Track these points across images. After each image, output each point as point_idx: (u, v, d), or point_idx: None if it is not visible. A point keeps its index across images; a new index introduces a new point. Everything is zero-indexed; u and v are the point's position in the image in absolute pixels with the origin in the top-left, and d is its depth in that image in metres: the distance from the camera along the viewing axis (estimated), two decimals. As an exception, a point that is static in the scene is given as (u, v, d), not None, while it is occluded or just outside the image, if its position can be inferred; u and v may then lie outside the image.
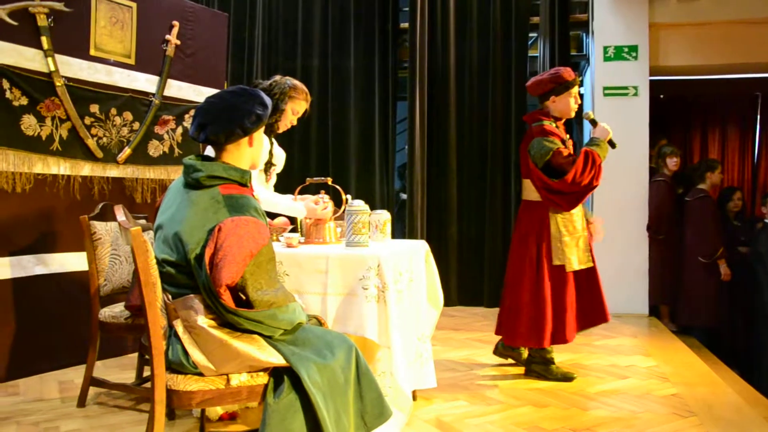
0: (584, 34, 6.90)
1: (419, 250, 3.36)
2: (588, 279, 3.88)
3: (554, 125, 3.83)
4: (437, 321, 3.57)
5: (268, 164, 3.37)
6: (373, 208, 3.17)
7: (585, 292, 3.87)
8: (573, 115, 3.95)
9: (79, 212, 3.47)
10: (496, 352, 4.09)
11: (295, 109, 3.36)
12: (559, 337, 3.76)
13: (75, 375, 3.81)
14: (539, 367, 3.86)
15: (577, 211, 3.84)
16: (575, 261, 3.79)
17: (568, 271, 3.78)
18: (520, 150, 3.95)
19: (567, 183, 3.64)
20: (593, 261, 3.88)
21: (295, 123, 3.40)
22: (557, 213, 3.78)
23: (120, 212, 2.47)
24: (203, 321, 2.05)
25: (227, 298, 2.02)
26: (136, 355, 3.76)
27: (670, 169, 6.15)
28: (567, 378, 3.81)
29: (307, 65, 6.76)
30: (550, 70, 3.91)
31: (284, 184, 6.45)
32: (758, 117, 7.68)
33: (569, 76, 3.82)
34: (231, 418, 3.05)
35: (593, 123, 3.92)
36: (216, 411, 3.00)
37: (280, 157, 3.45)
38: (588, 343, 4.80)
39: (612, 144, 3.84)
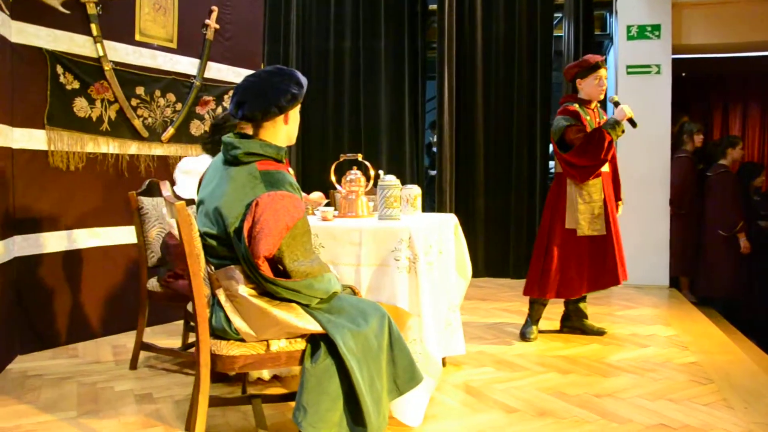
0: (608, 14, 6.74)
1: (448, 224, 3.33)
2: (604, 244, 3.90)
3: (579, 107, 3.93)
4: (466, 291, 3.55)
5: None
6: (403, 183, 3.15)
7: (598, 256, 3.90)
8: (601, 97, 4.01)
9: (128, 188, 3.51)
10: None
11: None
12: (564, 292, 3.92)
13: (127, 340, 3.88)
14: (577, 322, 4.11)
15: (596, 183, 3.91)
16: (586, 227, 3.89)
17: (579, 235, 3.89)
18: None
19: (574, 156, 3.81)
20: (611, 230, 3.89)
21: None
22: (575, 183, 3.92)
23: (165, 188, 2.48)
24: (244, 290, 2.06)
25: (266, 269, 2.02)
26: (182, 322, 3.82)
27: (695, 145, 6.04)
28: (599, 332, 4.06)
29: (340, 46, 6.70)
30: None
31: (320, 160, 6.50)
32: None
33: (592, 60, 3.95)
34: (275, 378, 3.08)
35: (616, 105, 3.96)
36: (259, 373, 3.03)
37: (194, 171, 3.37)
38: (610, 313, 4.75)
39: (633, 123, 3.85)
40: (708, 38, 6.16)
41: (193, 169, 3.35)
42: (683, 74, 6.89)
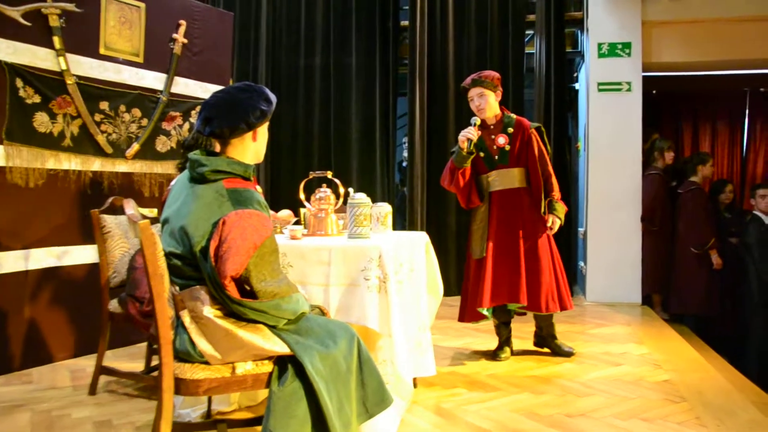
0: (579, 32, 6.88)
1: (419, 242, 3.34)
2: (507, 268, 3.86)
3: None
4: (437, 310, 3.56)
5: None
6: (374, 200, 3.15)
7: (503, 275, 3.84)
8: (484, 115, 3.97)
9: (90, 206, 3.46)
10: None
11: None
12: (461, 315, 4.01)
13: (86, 364, 3.81)
14: (548, 340, 4.11)
15: (483, 206, 3.95)
16: (477, 250, 3.93)
17: (474, 258, 3.94)
18: None
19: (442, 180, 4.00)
20: (520, 253, 3.83)
21: None
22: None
23: (129, 206, 2.45)
24: (209, 311, 2.04)
25: (232, 289, 2.00)
26: (144, 344, 3.76)
27: (666, 162, 6.15)
28: (568, 354, 4.04)
29: (310, 63, 6.73)
30: None
31: (288, 178, 6.49)
32: (747, 112, 7.65)
33: (463, 84, 4.05)
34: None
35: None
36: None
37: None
38: (583, 332, 4.80)
39: (469, 146, 3.77)
40: (678, 56, 6.29)
41: None
42: (654, 92, 7.04)
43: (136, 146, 4.26)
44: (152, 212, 4.09)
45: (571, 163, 7.07)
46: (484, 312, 3.86)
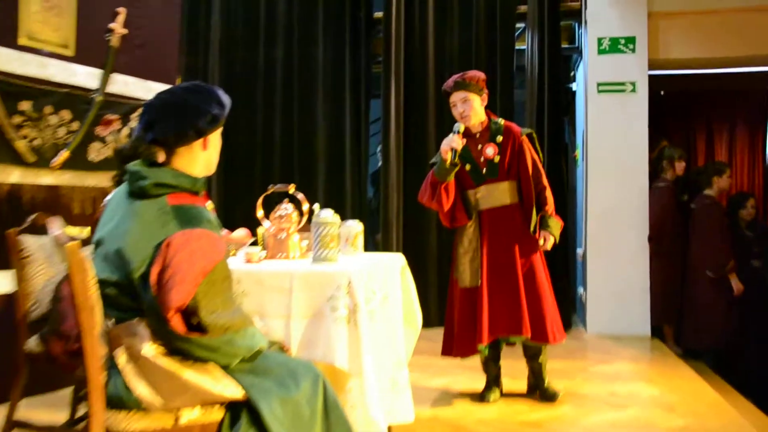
0: (576, 25, 6.99)
1: (395, 265, 3.35)
2: (503, 296, 3.87)
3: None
4: (415, 344, 3.56)
5: None
6: (343, 218, 3.16)
7: (500, 306, 3.86)
8: (469, 123, 4.00)
9: (6, 226, 3.39)
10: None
11: None
12: (446, 349, 4.01)
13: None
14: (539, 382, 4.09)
15: (471, 224, 3.97)
16: (467, 278, 3.95)
17: (461, 287, 3.97)
18: None
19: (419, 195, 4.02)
20: (511, 279, 3.85)
21: None
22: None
23: (54, 225, 2.42)
24: (149, 349, 2.02)
25: (177, 323, 1.98)
26: (69, 390, 3.67)
27: (676, 173, 6.19)
28: (551, 397, 4.01)
29: (270, 57, 6.74)
30: None
31: (245, 192, 6.46)
32: (770, 114, 7.72)
33: (444, 88, 4.10)
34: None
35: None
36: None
37: None
38: (584, 369, 4.82)
39: (453, 159, 3.79)
40: (689, 52, 6.35)
41: None
42: (662, 92, 7.13)
43: (64, 154, 4.21)
44: (83, 232, 4.05)
45: (567, 174, 7.14)
46: (481, 347, 3.86)
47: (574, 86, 7.49)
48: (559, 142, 6.62)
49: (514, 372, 4.43)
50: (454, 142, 3.77)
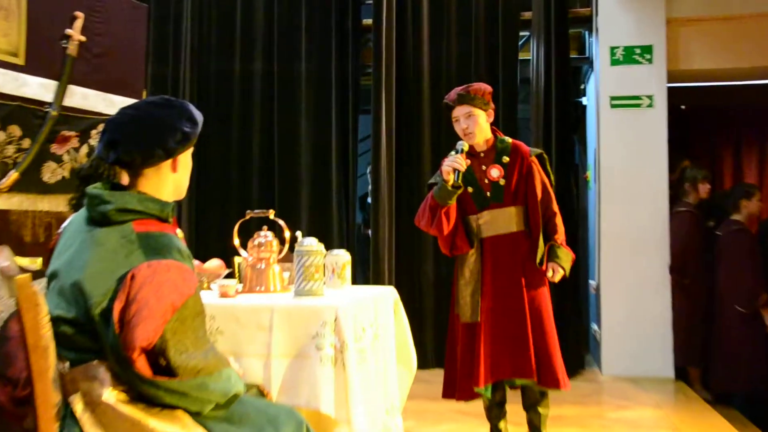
0: (587, 33, 7.04)
1: (386, 299, 3.35)
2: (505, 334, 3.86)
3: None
4: (410, 388, 3.54)
5: None
6: (329, 247, 3.16)
7: (506, 344, 3.84)
8: (473, 141, 3.96)
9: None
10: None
11: None
12: (448, 391, 3.93)
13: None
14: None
15: (472, 253, 3.93)
16: (467, 312, 3.90)
17: (462, 322, 3.91)
18: None
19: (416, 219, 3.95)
20: (516, 316, 3.83)
21: None
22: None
23: (2, 255, 2.41)
24: (110, 395, 2.00)
25: (142, 364, 1.97)
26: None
27: (700, 196, 6.20)
28: None
29: (247, 69, 6.76)
30: None
31: (220, 218, 6.46)
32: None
33: (446, 100, 4.05)
34: None
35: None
36: None
37: None
38: (599, 415, 4.80)
39: (456, 180, 3.76)
40: (713, 62, 6.37)
41: None
42: (682, 107, 7.16)
43: (13, 175, 4.20)
44: (35, 263, 4.02)
45: (578, 198, 7.17)
46: (481, 390, 3.83)
47: (584, 100, 7.54)
48: (569, 162, 6.62)
49: (520, 418, 4.40)
50: (456, 162, 3.77)
